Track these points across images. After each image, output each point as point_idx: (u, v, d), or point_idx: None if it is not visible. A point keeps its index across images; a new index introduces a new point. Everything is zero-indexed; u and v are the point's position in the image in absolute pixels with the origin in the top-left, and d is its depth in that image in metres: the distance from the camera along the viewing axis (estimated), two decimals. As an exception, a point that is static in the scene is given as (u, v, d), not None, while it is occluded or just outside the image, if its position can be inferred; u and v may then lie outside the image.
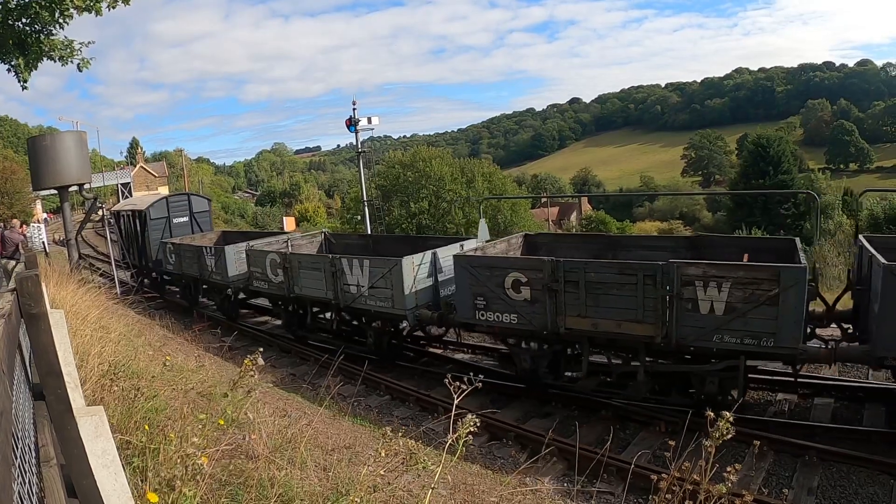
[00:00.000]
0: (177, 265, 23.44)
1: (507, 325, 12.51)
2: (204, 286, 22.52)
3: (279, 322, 20.19)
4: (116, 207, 31.94)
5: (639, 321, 10.75)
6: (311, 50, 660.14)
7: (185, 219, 26.84)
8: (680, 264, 10.35)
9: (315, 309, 17.46)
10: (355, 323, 16.56)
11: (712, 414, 4.02)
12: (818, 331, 10.93)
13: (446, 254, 14.71)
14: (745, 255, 12.04)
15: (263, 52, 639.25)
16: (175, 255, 23.46)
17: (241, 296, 21.51)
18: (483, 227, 17.44)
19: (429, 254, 14.71)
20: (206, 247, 21.82)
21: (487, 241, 15.91)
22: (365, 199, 33.14)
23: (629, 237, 17.82)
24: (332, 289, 15.68)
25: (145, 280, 27.81)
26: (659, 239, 25.15)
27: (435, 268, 14.76)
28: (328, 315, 17.21)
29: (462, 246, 15.50)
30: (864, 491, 8.67)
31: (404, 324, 15.32)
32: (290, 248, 19.01)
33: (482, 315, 12.69)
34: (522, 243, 15.99)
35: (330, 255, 15.95)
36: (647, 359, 11.25)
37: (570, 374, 12.69)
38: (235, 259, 19.94)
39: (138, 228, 26.77)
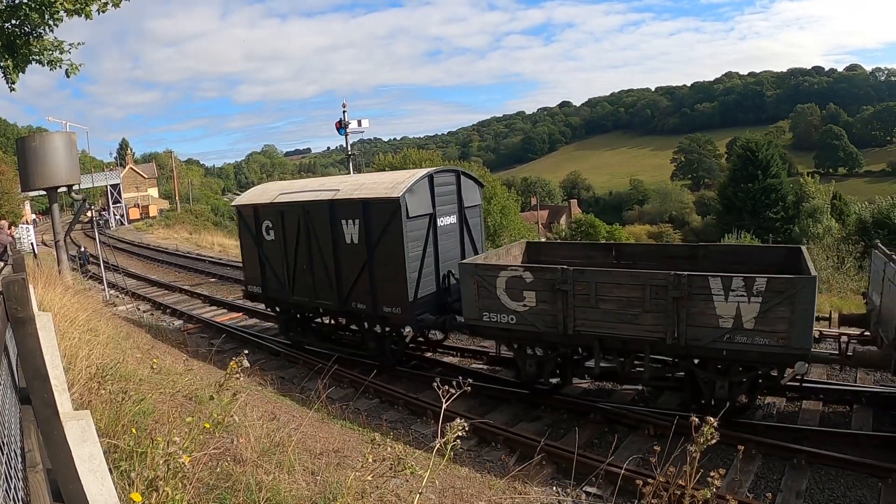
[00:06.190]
0: (558, 317, 11.52)
1: None
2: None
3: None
4: (265, 197, 17.54)
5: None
6: (306, 50, 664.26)
7: (454, 219, 15.40)
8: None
9: None
10: None
11: (697, 419, 4.04)
12: None
13: None
14: None
15: (258, 52, 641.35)
16: (550, 295, 11.56)
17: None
18: None
19: None
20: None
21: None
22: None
23: None
24: None
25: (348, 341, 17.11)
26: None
27: None
28: None
29: None
30: (853, 494, 8.72)
31: None
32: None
33: None
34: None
35: None
36: None
37: None
38: None
39: (353, 234, 14.83)
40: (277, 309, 17.93)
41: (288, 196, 16.79)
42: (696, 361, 10.87)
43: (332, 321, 17.28)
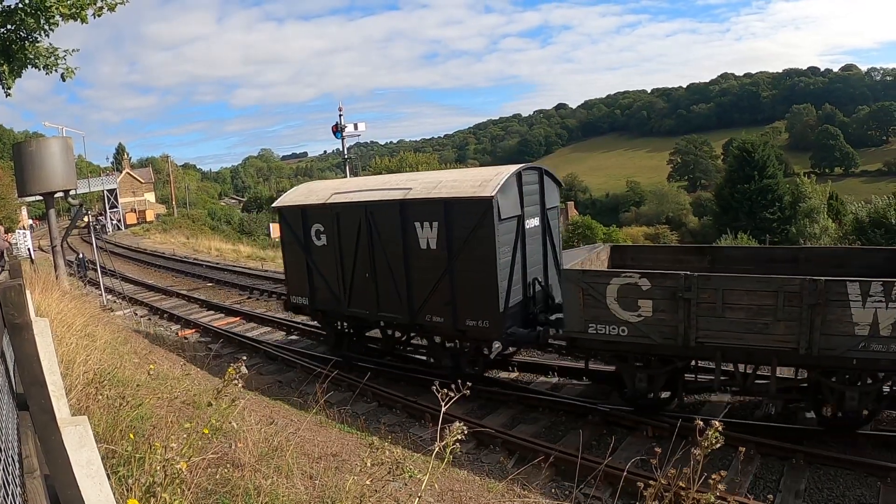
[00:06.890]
0: (679, 328, 10.45)
1: None
2: None
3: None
4: (315, 198, 15.66)
5: None
6: (303, 53, 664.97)
7: (537, 221, 13.85)
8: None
9: None
10: None
11: (701, 423, 4.03)
12: None
13: None
14: None
15: (256, 56, 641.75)
16: (670, 303, 10.51)
17: None
18: None
19: None
20: None
21: None
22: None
23: None
24: None
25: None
26: None
27: None
28: None
29: None
30: (852, 493, 8.72)
31: None
32: None
33: None
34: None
35: None
36: None
37: None
38: None
39: (430, 238, 13.14)
40: (325, 322, 16.26)
41: (344, 196, 14.87)
42: (822, 372, 10.02)
43: (388, 335, 15.63)
